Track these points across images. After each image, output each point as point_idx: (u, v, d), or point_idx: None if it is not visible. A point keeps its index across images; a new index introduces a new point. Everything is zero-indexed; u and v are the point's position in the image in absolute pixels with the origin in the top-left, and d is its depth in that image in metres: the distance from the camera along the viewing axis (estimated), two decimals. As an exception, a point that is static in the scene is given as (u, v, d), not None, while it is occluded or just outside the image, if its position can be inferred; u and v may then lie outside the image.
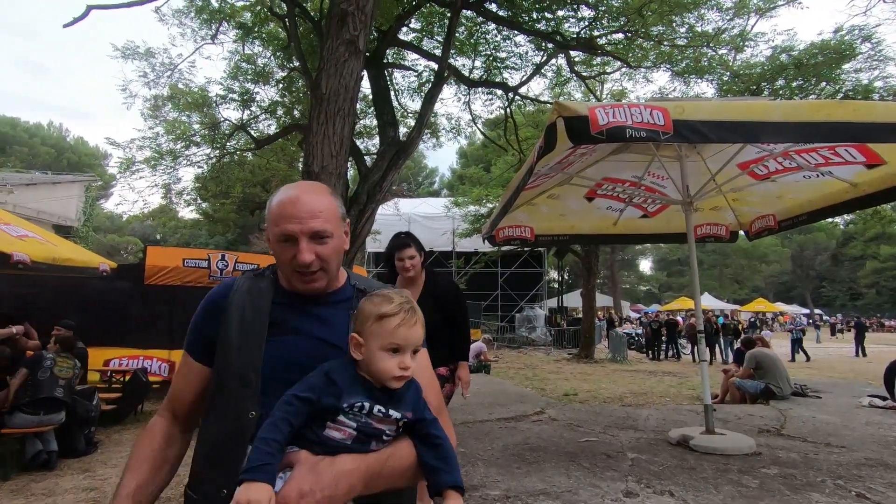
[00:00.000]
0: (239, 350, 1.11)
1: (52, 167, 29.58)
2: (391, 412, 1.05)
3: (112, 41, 10.04)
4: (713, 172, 5.70)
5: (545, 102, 10.75)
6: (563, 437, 5.30)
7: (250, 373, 1.09)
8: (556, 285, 29.34)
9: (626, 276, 53.55)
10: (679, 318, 22.96)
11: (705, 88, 13.68)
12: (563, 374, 12.71)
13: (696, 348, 16.89)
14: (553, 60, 9.29)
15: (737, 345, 12.39)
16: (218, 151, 12.07)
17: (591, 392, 9.68)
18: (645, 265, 61.93)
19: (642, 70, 9.45)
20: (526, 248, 21.09)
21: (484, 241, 7.46)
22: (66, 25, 6.43)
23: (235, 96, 10.75)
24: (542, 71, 9.47)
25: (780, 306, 42.09)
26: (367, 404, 1.03)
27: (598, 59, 9.54)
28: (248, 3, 9.33)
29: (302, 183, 1.26)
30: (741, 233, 7.33)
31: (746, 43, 8.75)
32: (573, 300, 30.39)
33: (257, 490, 0.88)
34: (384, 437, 1.07)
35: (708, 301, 33.12)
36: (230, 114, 11.20)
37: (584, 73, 9.62)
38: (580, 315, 21.25)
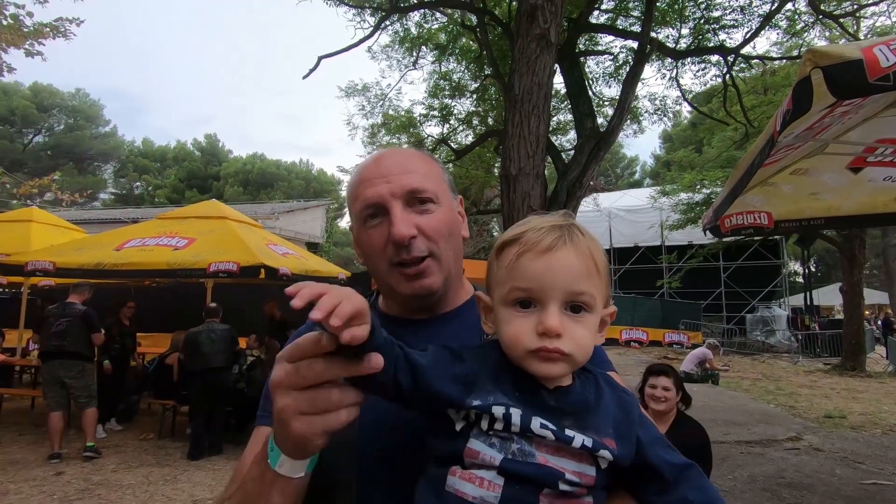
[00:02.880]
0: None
1: (304, 196, 36.82)
2: (568, 432, 0.58)
3: (338, 84, 11.86)
4: None
5: (783, 58, 8.80)
6: (836, 475, 4.18)
7: (338, 470, 0.69)
8: (800, 279, 24.22)
9: (906, 265, 41.27)
10: None
11: None
12: (819, 390, 10.33)
13: None
14: (787, 6, 7.57)
15: None
16: (423, 167, 13.20)
17: (866, 416, 7.62)
18: (937, 249, 46.71)
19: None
20: (757, 238, 17.87)
21: (705, 233, 6.44)
22: (304, 77, 7.75)
23: (436, 112, 11.62)
24: (772, 22, 7.81)
25: None
26: (515, 411, 0.58)
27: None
28: (442, 24, 9.97)
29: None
30: None
31: None
32: (826, 297, 24.80)
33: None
34: (563, 490, 0.57)
35: None
36: (432, 130, 12.18)
37: (836, 13, 7.59)
38: (839, 315, 17.07)
